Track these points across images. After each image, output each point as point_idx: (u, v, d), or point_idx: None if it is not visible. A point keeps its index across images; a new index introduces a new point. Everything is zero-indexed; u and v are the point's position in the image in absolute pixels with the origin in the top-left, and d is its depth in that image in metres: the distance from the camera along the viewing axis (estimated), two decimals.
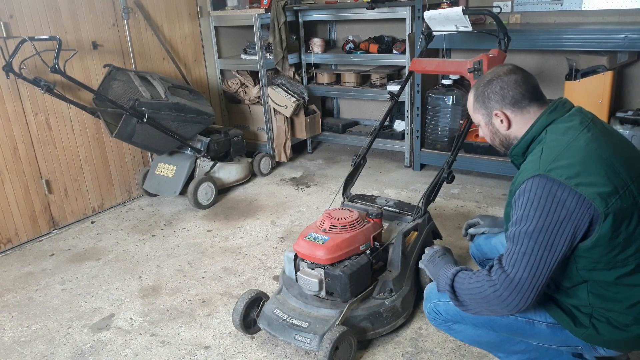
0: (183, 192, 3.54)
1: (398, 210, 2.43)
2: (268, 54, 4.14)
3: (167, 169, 3.61)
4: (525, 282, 1.29)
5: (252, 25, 3.98)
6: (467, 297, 1.41)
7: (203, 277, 2.70)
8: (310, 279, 2.02)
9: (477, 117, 1.54)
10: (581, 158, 1.29)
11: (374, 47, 4.10)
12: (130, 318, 2.39)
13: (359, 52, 4.19)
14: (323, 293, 2.04)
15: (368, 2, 3.71)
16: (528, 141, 1.43)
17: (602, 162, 1.29)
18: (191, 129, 3.49)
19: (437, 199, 2.57)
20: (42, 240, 3.25)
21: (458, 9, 2.69)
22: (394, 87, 3.84)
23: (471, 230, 1.95)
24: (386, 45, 4.05)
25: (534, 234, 1.28)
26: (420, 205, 2.36)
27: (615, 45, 2.99)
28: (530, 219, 1.28)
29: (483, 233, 1.93)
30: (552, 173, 1.27)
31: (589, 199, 1.24)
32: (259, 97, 4.27)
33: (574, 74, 3.25)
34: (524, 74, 1.45)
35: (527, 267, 1.28)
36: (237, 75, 4.44)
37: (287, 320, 2.00)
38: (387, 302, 2.07)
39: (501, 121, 1.46)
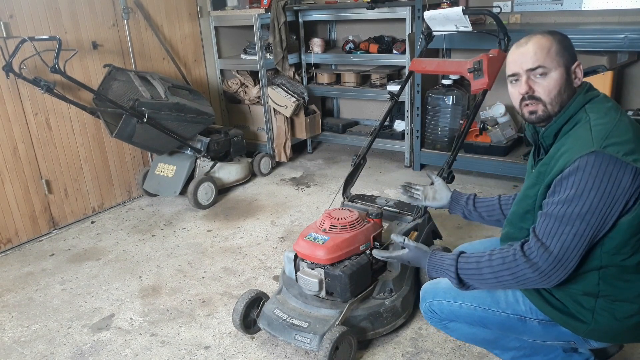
0: (183, 192, 3.54)
1: (398, 210, 2.43)
2: (268, 54, 4.14)
3: (167, 169, 3.61)
4: (571, 259, 1.30)
5: (252, 25, 3.98)
6: (482, 279, 1.40)
7: (203, 277, 2.70)
8: (310, 279, 2.02)
9: (557, 61, 1.37)
10: (632, 136, 1.29)
11: (374, 47, 4.10)
12: (130, 318, 2.39)
13: (359, 52, 4.19)
14: (323, 293, 2.04)
15: (368, 2, 3.71)
16: (565, 119, 1.38)
17: None
18: (191, 129, 3.49)
19: None
20: (42, 240, 3.25)
21: (458, 9, 2.69)
22: (394, 87, 3.84)
23: (427, 203, 1.96)
24: (386, 45, 4.05)
25: (586, 216, 1.26)
26: (420, 205, 2.36)
27: (615, 45, 2.99)
28: (584, 200, 1.26)
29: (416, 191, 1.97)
30: (608, 149, 1.25)
31: None
32: (259, 97, 4.27)
33: None
34: None
35: (577, 246, 1.28)
36: (237, 75, 4.44)
37: (287, 320, 2.00)
38: (387, 302, 2.07)
39: (575, 76, 1.40)
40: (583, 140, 1.29)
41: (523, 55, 1.39)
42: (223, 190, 3.80)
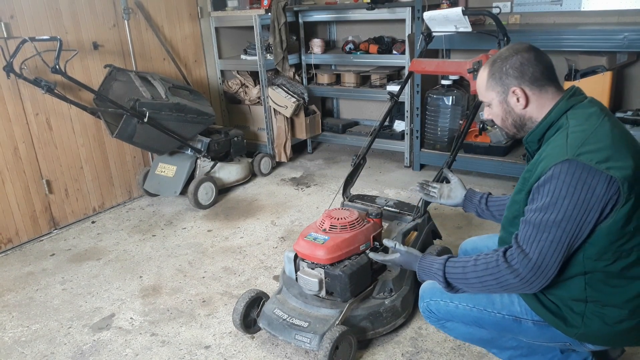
0: (183, 192, 3.55)
1: (398, 210, 2.43)
2: (268, 55, 4.15)
3: (168, 169, 3.61)
4: (550, 266, 1.31)
5: (253, 26, 3.99)
6: (469, 284, 1.43)
7: (203, 277, 2.70)
8: (310, 279, 2.02)
9: (490, 95, 1.47)
10: (609, 143, 1.29)
11: (373, 48, 4.11)
12: (131, 318, 2.39)
13: (358, 53, 4.19)
14: (323, 293, 2.04)
15: (368, 3, 3.72)
16: (547, 126, 1.40)
17: (629, 148, 1.30)
18: (191, 129, 3.49)
19: None
20: (42, 240, 3.26)
21: (457, 10, 2.70)
22: (393, 88, 3.85)
23: (424, 195, 2.02)
24: (386, 45, 4.06)
25: (562, 223, 1.27)
26: (420, 205, 2.37)
27: (614, 46, 2.99)
28: (559, 208, 1.27)
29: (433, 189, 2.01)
30: (581, 158, 1.25)
31: (618, 181, 1.24)
32: (259, 98, 4.27)
33: (573, 75, 3.25)
34: (542, 53, 1.44)
35: (555, 253, 1.30)
36: (238, 76, 4.44)
37: (287, 320, 2.01)
38: (387, 302, 2.07)
39: (517, 99, 1.42)
40: (559, 147, 1.31)
41: None
42: (223, 190, 3.81)
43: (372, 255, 1.71)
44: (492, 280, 1.38)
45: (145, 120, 3.13)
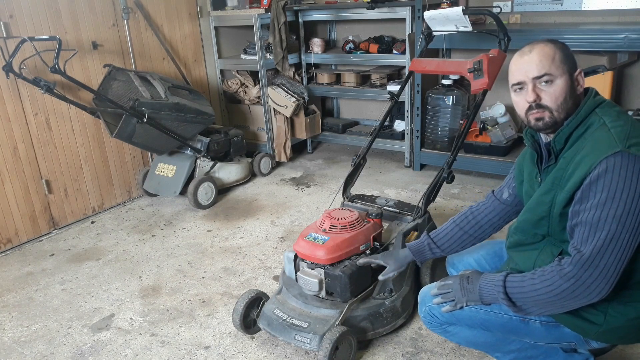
0: (183, 192, 3.54)
1: (398, 210, 2.43)
2: (268, 54, 4.14)
3: (167, 169, 3.61)
4: (611, 267, 1.24)
5: (252, 25, 3.98)
6: (530, 300, 1.35)
7: (203, 277, 2.70)
8: (310, 279, 2.02)
9: (562, 68, 1.36)
10: None
11: (374, 47, 4.10)
12: (130, 318, 2.39)
13: (359, 52, 4.19)
14: (323, 293, 2.04)
15: (368, 2, 3.72)
16: (577, 123, 1.36)
17: None
18: (191, 129, 3.49)
19: (437, 199, 2.57)
20: (42, 240, 3.25)
21: (458, 9, 2.69)
22: (394, 87, 3.84)
23: (381, 278, 1.90)
24: (386, 45, 4.05)
25: (622, 217, 1.23)
26: (420, 205, 2.36)
27: (615, 45, 2.99)
28: (617, 201, 1.23)
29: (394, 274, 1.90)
30: (632, 149, 1.23)
31: None
32: (259, 97, 4.27)
33: None
34: None
35: (614, 251, 1.23)
36: (237, 75, 4.44)
37: (287, 320, 2.00)
38: (387, 302, 2.07)
39: (577, 83, 1.39)
40: (605, 141, 1.28)
41: (528, 64, 1.38)
42: (223, 190, 3.80)
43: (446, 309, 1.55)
44: (544, 289, 1.30)
45: (145, 120, 3.12)
